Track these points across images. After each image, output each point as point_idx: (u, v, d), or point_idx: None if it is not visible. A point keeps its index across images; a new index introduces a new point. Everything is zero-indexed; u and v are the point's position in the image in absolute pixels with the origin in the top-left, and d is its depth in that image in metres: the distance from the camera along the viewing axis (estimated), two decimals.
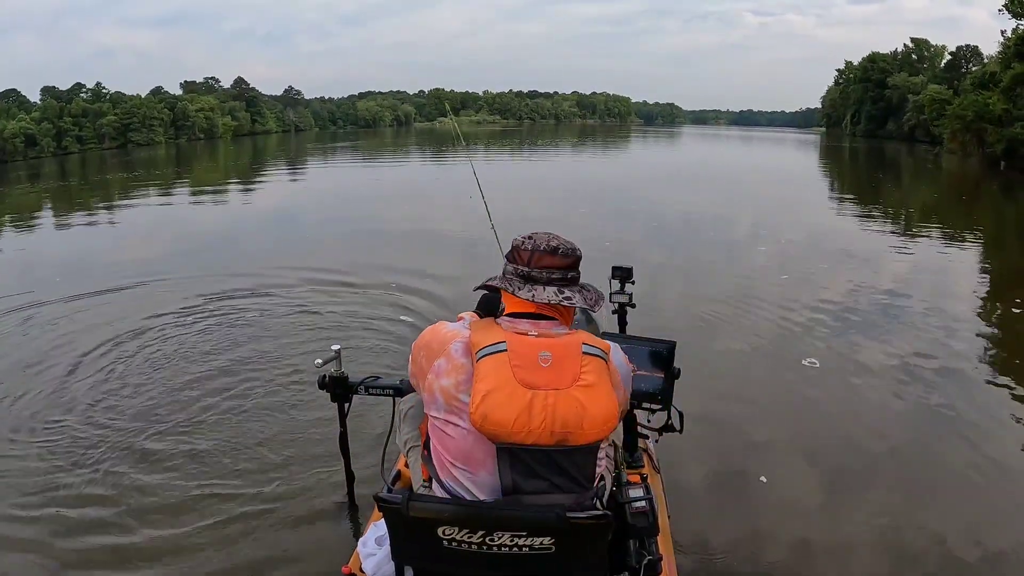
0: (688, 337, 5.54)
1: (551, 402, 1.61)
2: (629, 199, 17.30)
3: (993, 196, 21.73)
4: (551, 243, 1.80)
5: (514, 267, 1.82)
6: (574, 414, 1.62)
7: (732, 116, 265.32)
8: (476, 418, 1.60)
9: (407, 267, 8.51)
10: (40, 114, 57.78)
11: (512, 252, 1.84)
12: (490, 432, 1.61)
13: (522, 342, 1.66)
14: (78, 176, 30.46)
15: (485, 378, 1.62)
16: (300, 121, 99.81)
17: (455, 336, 1.75)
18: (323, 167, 32.74)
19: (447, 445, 1.73)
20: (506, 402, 1.59)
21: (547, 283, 1.77)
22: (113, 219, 15.56)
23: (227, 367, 5.32)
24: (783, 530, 3.40)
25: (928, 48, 69.53)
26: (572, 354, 1.66)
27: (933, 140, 47.01)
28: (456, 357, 1.71)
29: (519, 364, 1.63)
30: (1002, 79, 32.52)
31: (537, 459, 1.65)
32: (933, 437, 4.46)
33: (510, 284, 1.80)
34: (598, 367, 1.68)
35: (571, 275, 1.81)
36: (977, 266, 10.34)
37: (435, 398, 1.73)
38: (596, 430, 1.65)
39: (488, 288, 1.95)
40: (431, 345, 1.78)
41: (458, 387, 1.68)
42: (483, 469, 1.69)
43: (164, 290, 7.76)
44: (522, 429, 1.60)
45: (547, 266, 1.78)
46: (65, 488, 3.64)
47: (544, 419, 1.60)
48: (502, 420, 1.59)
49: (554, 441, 1.62)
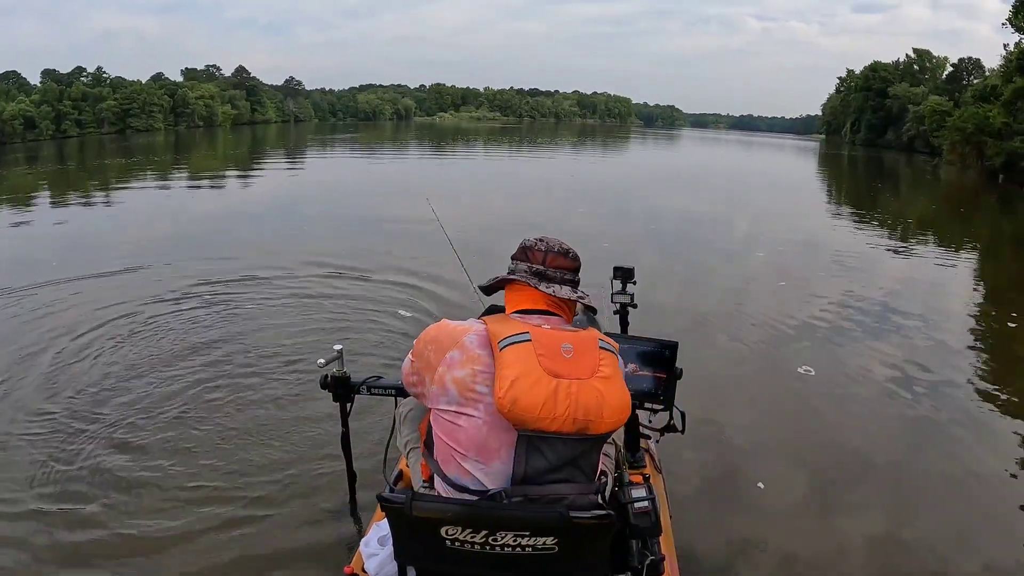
0: (685, 339, 5.55)
1: (574, 391, 1.65)
2: (628, 201, 17.34)
3: (991, 209, 21.84)
4: (563, 246, 1.92)
5: (528, 265, 1.89)
6: (595, 402, 1.66)
7: (732, 120, 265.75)
8: (505, 403, 1.62)
9: (406, 262, 8.50)
10: (40, 97, 57.66)
11: (523, 252, 1.92)
12: (518, 417, 1.63)
13: (545, 334, 1.71)
14: (76, 160, 30.38)
15: (512, 365, 1.64)
16: (300, 112, 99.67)
17: (467, 330, 1.78)
18: (322, 158, 32.74)
19: (458, 437, 1.73)
20: (534, 388, 1.62)
21: (561, 282, 1.87)
22: (110, 204, 15.52)
23: (227, 361, 5.27)
24: (783, 531, 3.43)
25: (930, 59, 69.72)
26: (591, 347, 1.74)
27: (932, 151, 47.19)
28: (472, 348, 1.73)
29: (543, 353, 1.67)
30: (1003, 92, 32.63)
31: (554, 447, 1.68)
32: (927, 446, 4.50)
33: (528, 280, 1.85)
34: (612, 361, 1.75)
35: (577, 278, 1.92)
36: (973, 278, 10.40)
37: (446, 390, 1.73)
38: (613, 419, 1.70)
39: (496, 286, 1.97)
40: (439, 339, 1.79)
41: (474, 377, 1.70)
42: (497, 459, 1.70)
43: (159, 277, 7.74)
44: (548, 415, 1.63)
45: (560, 267, 1.88)
46: (58, 484, 3.60)
47: (568, 406, 1.64)
48: (530, 405, 1.62)
49: (575, 429, 1.66)
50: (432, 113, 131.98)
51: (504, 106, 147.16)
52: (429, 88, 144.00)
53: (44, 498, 3.46)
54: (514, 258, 1.94)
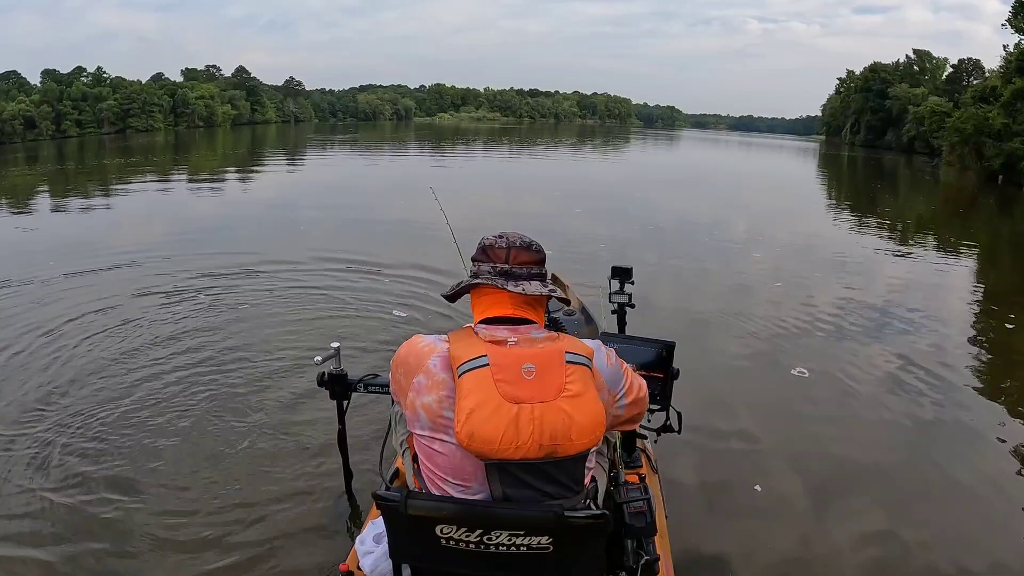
0: (682, 339, 5.55)
1: (538, 415, 1.57)
2: (626, 201, 17.31)
3: (990, 210, 21.86)
4: (524, 240, 1.81)
5: (492, 266, 1.78)
6: (562, 425, 1.58)
7: (732, 121, 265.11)
8: (462, 437, 1.56)
9: (407, 259, 8.51)
10: (40, 97, 57.63)
11: (483, 251, 1.81)
12: (477, 450, 1.57)
13: (504, 354, 1.62)
14: (75, 160, 30.34)
15: (469, 395, 1.57)
16: (300, 112, 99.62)
17: (432, 350, 1.71)
18: (322, 158, 32.73)
19: (436, 462, 1.70)
20: (492, 418, 1.55)
21: (528, 278, 1.77)
22: (109, 204, 15.50)
23: (221, 357, 5.28)
24: (781, 532, 3.43)
25: (930, 60, 69.85)
26: (556, 364, 1.62)
27: (932, 152, 47.16)
28: (436, 372, 1.67)
29: (502, 378, 1.58)
30: (1002, 93, 32.66)
31: (526, 471, 1.62)
32: (924, 448, 4.49)
33: (495, 281, 1.75)
34: (583, 375, 1.64)
35: (544, 271, 1.82)
36: (971, 280, 10.40)
37: (418, 416, 1.69)
38: (585, 439, 1.61)
39: (460, 293, 1.86)
40: (408, 361, 1.74)
41: (441, 403, 1.65)
42: (474, 481, 1.66)
43: (156, 273, 7.78)
44: (510, 445, 1.56)
45: (524, 262, 1.78)
46: (50, 477, 3.61)
47: (532, 433, 1.56)
48: (489, 438, 1.55)
49: (543, 454, 1.59)
50: (432, 113, 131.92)
51: (504, 106, 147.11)
52: (429, 88, 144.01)
53: (48, 490, 3.47)
54: (475, 259, 1.82)
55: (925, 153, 50.70)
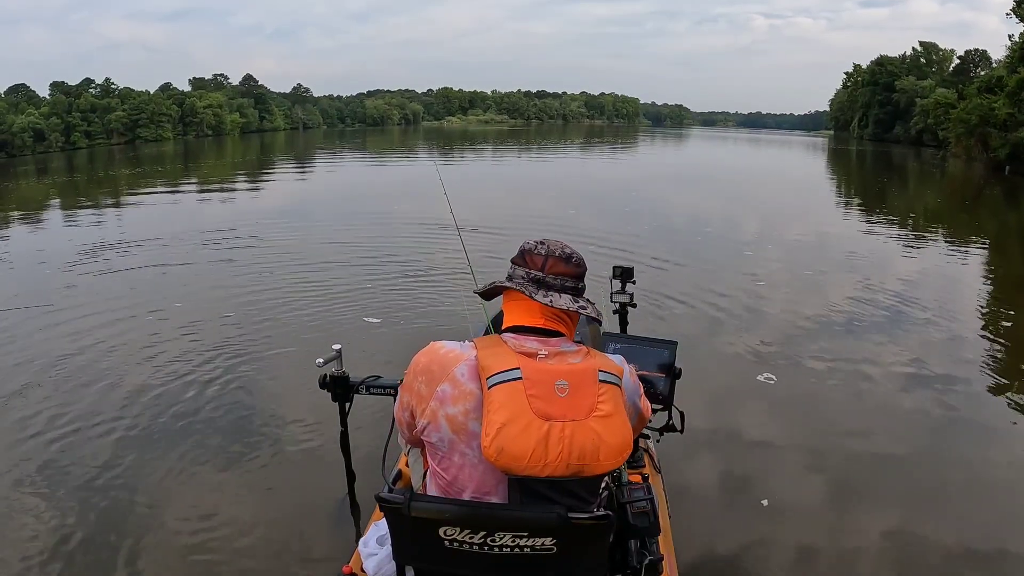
0: (688, 337, 5.57)
1: (568, 434, 1.53)
2: (634, 200, 17.24)
3: (996, 201, 21.68)
4: (565, 250, 1.74)
5: (526, 271, 1.72)
6: (591, 445, 1.55)
7: (740, 118, 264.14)
8: (491, 452, 1.52)
9: (409, 259, 8.57)
10: (49, 109, 58.05)
11: (522, 256, 1.75)
12: (505, 466, 1.54)
13: (537, 369, 1.57)
14: (86, 172, 30.54)
15: (500, 409, 1.53)
16: (308, 119, 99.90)
17: (459, 358, 1.65)
18: (331, 164, 32.82)
19: (455, 475, 1.68)
20: (522, 435, 1.52)
21: (561, 290, 1.71)
22: (119, 213, 15.63)
23: (222, 358, 5.35)
24: (785, 532, 3.40)
25: (937, 52, 69.33)
26: (589, 382, 1.59)
27: (940, 144, 46.81)
28: (463, 383, 1.62)
29: (535, 394, 1.54)
30: (1008, 83, 32.37)
31: (548, 486, 1.60)
32: (938, 442, 4.45)
33: (524, 288, 1.70)
34: (614, 395, 1.61)
35: (580, 285, 1.75)
36: (980, 272, 10.34)
37: (439, 426, 1.65)
38: (611, 460, 1.58)
39: (494, 292, 1.82)
40: (431, 369, 1.68)
41: (467, 415, 1.61)
42: (495, 495, 1.66)
43: (174, 281, 7.88)
44: (538, 463, 1.53)
45: (561, 273, 1.71)
46: (51, 472, 3.67)
47: (560, 452, 1.53)
48: (518, 454, 1.52)
49: (570, 472, 1.56)
50: (440, 117, 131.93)
51: (512, 108, 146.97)
52: (436, 92, 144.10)
53: (48, 490, 3.52)
54: (513, 262, 1.76)
55: (933, 145, 50.32)
